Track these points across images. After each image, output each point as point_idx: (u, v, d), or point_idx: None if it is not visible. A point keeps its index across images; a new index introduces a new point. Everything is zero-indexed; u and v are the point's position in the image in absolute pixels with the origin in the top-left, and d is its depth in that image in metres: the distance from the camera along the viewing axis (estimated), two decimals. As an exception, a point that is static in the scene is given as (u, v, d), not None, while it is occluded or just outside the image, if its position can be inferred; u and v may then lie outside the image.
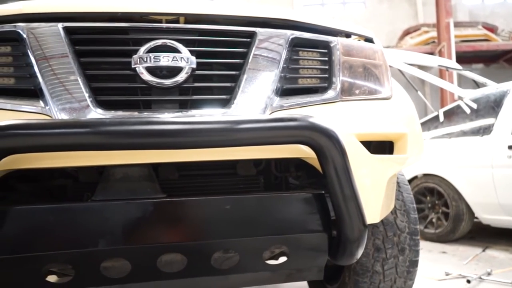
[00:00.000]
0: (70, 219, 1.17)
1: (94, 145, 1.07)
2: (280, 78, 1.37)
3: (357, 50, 1.55)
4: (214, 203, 1.25)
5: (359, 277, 1.75)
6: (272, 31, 1.40)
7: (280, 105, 1.34)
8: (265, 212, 1.29)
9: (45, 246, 1.16)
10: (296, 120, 1.18)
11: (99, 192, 1.29)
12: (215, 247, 1.26)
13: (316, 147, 1.20)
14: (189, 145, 1.11)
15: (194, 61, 1.28)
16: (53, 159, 1.17)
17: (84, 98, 1.21)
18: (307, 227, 1.32)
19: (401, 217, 1.80)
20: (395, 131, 1.49)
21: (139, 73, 1.25)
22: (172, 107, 1.29)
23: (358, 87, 1.52)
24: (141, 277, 1.23)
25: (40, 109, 1.20)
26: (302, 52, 1.44)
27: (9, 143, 1.04)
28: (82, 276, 1.19)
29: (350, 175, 1.22)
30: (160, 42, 1.27)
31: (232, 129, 1.12)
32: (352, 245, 1.27)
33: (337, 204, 1.24)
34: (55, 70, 1.22)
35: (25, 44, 1.24)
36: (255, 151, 1.27)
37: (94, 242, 1.16)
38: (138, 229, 1.21)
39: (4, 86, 1.24)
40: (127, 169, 1.31)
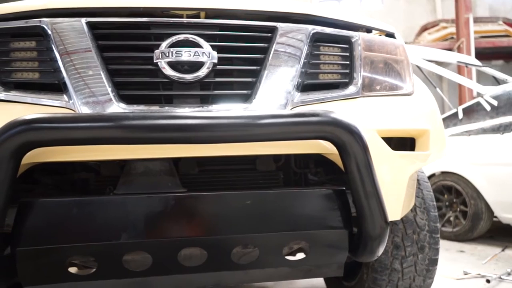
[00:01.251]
0: (93, 212, 1.19)
1: (118, 139, 1.08)
2: (301, 73, 1.36)
3: (379, 45, 1.53)
4: (234, 198, 1.25)
5: (377, 275, 1.74)
6: (293, 25, 1.40)
7: (301, 100, 1.34)
8: (286, 208, 1.29)
9: (69, 238, 1.18)
10: (318, 115, 1.17)
11: (121, 186, 1.30)
12: (235, 242, 1.27)
13: (338, 143, 1.19)
14: (213, 140, 1.11)
15: (216, 56, 1.28)
16: (76, 153, 1.18)
17: (106, 93, 1.22)
18: (327, 224, 1.32)
19: (421, 214, 1.78)
20: (417, 127, 1.47)
21: (161, 67, 1.25)
22: (194, 102, 1.29)
23: (380, 83, 1.50)
24: (162, 270, 1.24)
25: (64, 103, 1.22)
26: (323, 47, 1.44)
27: (34, 136, 1.05)
28: (104, 268, 1.21)
29: (372, 172, 1.20)
30: (182, 37, 1.27)
31: (254, 124, 1.12)
32: (373, 242, 1.26)
33: (359, 200, 1.23)
34: (79, 64, 1.24)
35: (49, 39, 1.25)
36: (275, 146, 1.27)
37: (116, 235, 1.18)
38: (159, 223, 1.22)
39: (29, 81, 1.26)
40: (148, 163, 1.32)
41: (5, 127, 1.05)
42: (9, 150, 1.04)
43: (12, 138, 1.03)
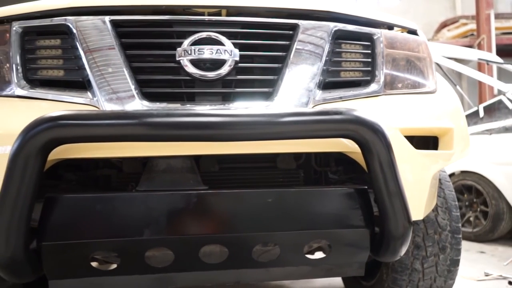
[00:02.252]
0: (117, 208, 1.20)
1: (143, 136, 1.09)
2: (323, 71, 1.35)
3: (401, 42, 1.52)
4: (256, 196, 1.25)
5: (397, 275, 1.72)
6: (315, 23, 1.39)
7: (322, 98, 1.33)
8: (307, 206, 1.28)
9: (93, 233, 1.20)
10: (341, 113, 1.17)
11: (143, 182, 1.31)
12: (256, 239, 1.27)
13: (361, 141, 1.18)
14: (237, 138, 1.12)
15: (237, 54, 1.28)
16: (100, 150, 1.20)
17: (130, 90, 1.23)
18: (349, 223, 1.31)
19: (443, 214, 1.76)
20: (440, 125, 1.45)
21: (183, 65, 1.26)
22: (215, 99, 1.30)
23: (402, 81, 1.49)
24: (184, 267, 1.25)
25: (88, 100, 1.24)
26: (345, 45, 1.43)
27: (61, 133, 1.07)
28: (127, 264, 1.22)
29: (395, 171, 1.19)
30: (205, 34, 1.28)
31: (277, 122, 1.12)
32: (396, 242, 1.25)
33: (382, 199, 1.21)
34: (103, 62, 1.25)
35: (74, 37, 1.27)
36: (297, 144, 1.27)
37: (139, 231, 1.19)
38: (181, 220, 1.23)
39: (54, 78, 1.29)
40: (170, 160, 1.33)
41: (32, 124, 1.07)
42: (36, 147, 1.05)
43: (39, 134, 1.05)
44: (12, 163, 1.05)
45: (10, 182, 1.06)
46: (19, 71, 1.27)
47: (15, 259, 1.10)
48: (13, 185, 1.06)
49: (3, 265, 1.10)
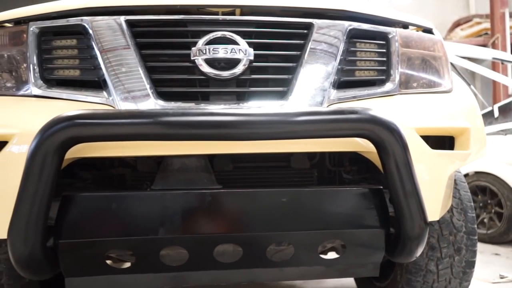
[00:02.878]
0: (132, 207, 1.21)
1: (159, 135, 1.10)
2: (338, 70, 1.35)
3: (416, 41, 1.50)
4: (271, 195, 1.25)
5: (411, 276, 1.71)
6: (329, 22, 1.38)
7: (337, 97, 1.33)
8: (322, 206, 1.28)
9: (109, 232, 1.21)
10: (357, 112, 1.16)
11: (158, 181, 1.32)
12: (270, 239, 1.27)
13: (376, 141, 1.18)
14: (253, 137, 1.12)
15: (252, 53, 1.28)
16: (115, 149, 1.21)
17: (145, 90, 1.24)
18: (364, 223, 1.30)
19: (458, 215, 1.74)
20: (456, 125, 1.44)
21: (198, 65, 1.26)
22: (230, 99, 1.30)
23: (417, 80, 1.48)
24: (198, 266, 1.25)
25: (104, 100, 1.25)
26: (360, 44, 1.42)
27: (78, 132, 1.08)
28: (142, 262, 1.23)
29: (412, 171, 1.18)
30: (220, 34, 1.28)
31: (293, 122, 1.12)
32: (412, 242, 1.24)
33: (397, 200, 1.20)
34: (118, 62, 1.26)
35: (90, 37, 1.28)
36: (311, 144, 1.26)
37: (154, 230, 1.20)
38: (196, 219, 1.23)
39: (70, 78, 1.30)
40: (185, 159, 1.33)
41: (50, 123, 1.08)
42: (54, 145, 1.07)
43: (57, 133, 1.06)
44: (30, 162, 1.07)
45: (28, 180, 1.07)
46: (36, 71, 1.29)
47: (32, 256, 1.11)
48: (31, 183, 1.07)
49: (21, 262, 1.12)
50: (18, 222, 1.08)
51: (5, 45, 1.35)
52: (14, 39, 1.34)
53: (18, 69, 1.32)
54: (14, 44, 1.33)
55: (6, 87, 1.32)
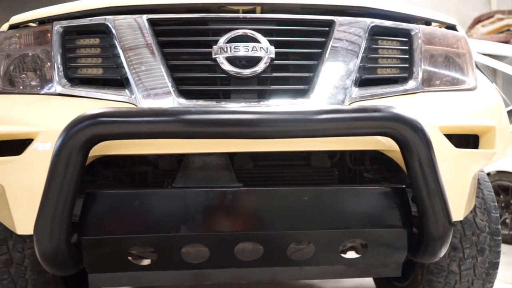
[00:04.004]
0: (154, 204, 1.22)
1: (182, 133, 1.11)
2: (359, 68, 1.34)
3: (439, 38, 1.48)
4: (292, 194, 1.25)
5: (433, 277, 1.68)
6: (351, 19, 1.37)
7: (359, 95, 1.32)
8: (344, 205, 1.27)
9: (131, 229, 1.22)
10: (380, 110, 1.15)
11: (179, 179, 1.33)
12: (291, 238, 1.26)
13: (400, 139, 1.16)
14: (276, 135, 1.13)
15: (273, 51, 1.28)
16: (137, 147, 1.22)
17: (167, 88, 1.25)
18: (386, 222, 1.29)
19: (481, 215, 1.70)
20: (481, 123, 1.41)
21: (219, 63, 1.26)
22: (251, 97, 1.30)
23: (441, 77, 1.46)
24: (219, 263, 1.26)
25: (127, 98, 1.26)
26: (382, 41, 1.41)
27: (102, 130, 1.10)
28: (164, 260, 1.24)
29: (436, 169, 1.17)
30: (241, 32, 1.28)
31: (316, 120, 1.11)
32: (435, 242, 1.22)
33: (421, 199, 1.19)
34: (140, 60, 1.27)
35: (112, 36, 1.30)
36: (332, 142, 1.25)
37: (176, 227, 1.21)
38: (217, 217, 1.24)
39: (93, 76, 1.32)
40: (206, 157, 1.34)
41: (74, 121, 1.10)
42: (78, 143, 1.08)
43: (81, 131, 1.08)
44: (55, 159, 1.09)
45: (54, 177, 1.09)
46: (60, 70, 1.31)
47: (57, 252, 1.13)
48: (56, 180, 1.09)
49: (47, 257, 1.14)
50: (44, 218, 1.10)
51: (30, 44, 1.37)
52: (38, 38, 1.36)
53: (42, 68, 1.34)
54: (38, 44, 1.36)
55: (31, 85, 1.35)
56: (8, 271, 1.45)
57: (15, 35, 1.39)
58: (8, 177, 1.20)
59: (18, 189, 1.20)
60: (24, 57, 1.37)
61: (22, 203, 1.19)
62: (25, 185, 1.19)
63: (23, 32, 1.39)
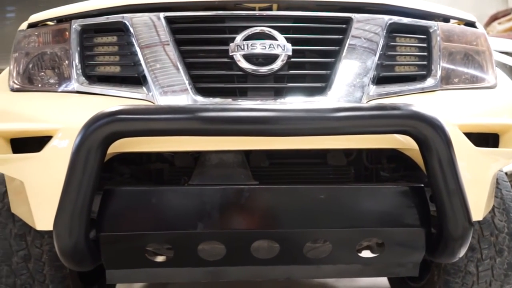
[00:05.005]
0: (171, 201, 1.23)
1: (200, 130, 1.11)
2: (377, 65, 1.33)
3: (458, 35, 1.47)
4: (309, 192, 1.25)
5: (449, 277, 1.66)
6: (368, 16, 1.36)
7: (376, 93, 1.31)
8: (361, 204, 1.26)
9: (148, 225, 1.23)
10: (399, 108, 1.14)
11: (196, 176, 1.33)
12: (308, 236, 1.26)
13: (419, 138, 1.15)
14: (295, 133, 1.13)
15: (290, 49, 1.27)
16: (155, 144, 1.23)
17: (184, 85, 1.25)
18: (404, 221, 1.28)
19: (500, 216, 1.68)
20: (501, 122, 1.39)
21: (236, 60, 1.26)
22: (268, 94, 1.30)
23: (460, 75, 1.44)
24: (235, 261, 1.26)
25: (144, 95, 1.27)
26: (400, 38, 1.40)
27: (121, 127, 1.11)
28: (180, 256, 1.25)
29: (456, 168, 1.15)
30: (258, 29, 1.28)
31: (334, 117, 1.11)
32: (454, 242, 1.21)
33: (440, 198, 1.18)
34: (158, 58, 1.28)
35: (130, 34, 1.31)
36: (349, 140, 1.25)
37: (192, 224, 1.21)
38: (234, 215, 1.24)
39: (111, 74, 1.33)
40: (222, 155, 1.34)
41: (93, 118, 1.11)
42: (97, 140, 1.09)
43: (100, 128, 1.09)
44: (74, 156, 1.10)
45: (73, 174, 1.10)
46: (78, 68, 1.32)
47: (76, 248, 1.15)
48: (75, 177, 1.10)
49: (66, 253, 1.15)
50: (64, 214, 1.12)
51: (48, 42, 1.39)
52: (57, 36, 1.38)
53: (60, 66, 1.36)
54: (57, 42, 1.38)
55: (49, 83, 1.37)
56: (26, 266, 1.47)
57: (33, 33, 1.41)
58: (28, 174, 1.22)
59: (37, 186, 1.21)
60: (43, 55, 1.39)
61: (42, 199, 1.21)
62: (45, 182, 1.21)
63: (41, 30, 1.41)
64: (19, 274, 1.48)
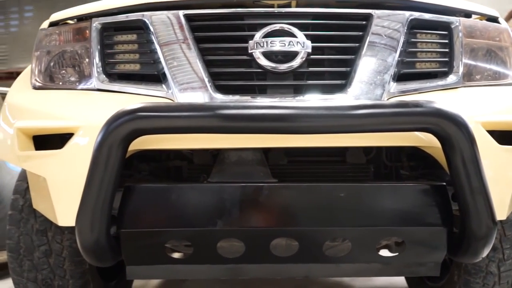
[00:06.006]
0: (191, 199, 1.24)
1: (221, 128, 1.11)
2: (398, 62, 1.31)
3: (481, 31, 1.44)
4: (329, 190, 1.24)
5: (470, 277, 1.64)
6: (389, 12, 1.35)
7: (397, 90, 1.30)
8: (382, 202, 1.25)
9: (168, 222, 1.24)
10: (421, 105, 1.12)
11: (215, 174, 1.34)
12: (327, 234, 1.25)
13: (442, 135, 1.13)
14: (317, 130, 1.12)
15: (310, 46, 1.27)
16: (175, 141, 1.23)
17: (204, 83, 1.26)
18: (425, 220, 1.26)
19: (523, 215, 1.65)
20: None
21: (256, 58, 1.26)
22: (287, 92, 1.29)
23: (482, 72, 1.42)
24: (254, 258, 1.26)
25: (164, 93, 1.28)
26: (421, 35, 1.38)
27: (142, 124, 1.11)
28: (200, 254, 1.25)
29: (479, 167, 1.13)
30: (278, 26, 1.28)
31: (356, 115, 1.10)
32: (477, 242, 1.19)
33: (464, 197, 1.15)
34: (177, 56, 1.29)
35: (149, 32, 1.32)
36: (369, 138, 1.23)
37: (212, 221, 1.21)
38: (253, 212, 1.24)
39: (131, 72, 1.34)
40: (241, 153, 1.34)
41: (115, 116, 1.11)
42: (119, 137, 1.10)
43: (121, 126, 1.10)
44: (96, 153, 1.11)
45: (95, 171, 1.11)
46: (98, 66, 1.34)
47: (98, 244, 1.16)
48: (97, 173, 1.11)
49: (88, 248, 1.17)
50: (86, 210, 1.13)
51: (69, 41, 1.41)
52: (77, 35, 1.39)
53: (81, 64, 1.37)
54: (77, 40, 1.39)
55: (70, 81, 1.38)
56: (47, 261, 1.50)
57: (55, 32, 1.43)
58: (50, 170, 1.24)
59: (60, 182, 1.23)
60: (64, 53, 1.40)
61: (64, 195, 1.23)
62: (67, 178, 1.22)
63: (62, 29, 1.43)
64: (41, 268, 1.51)
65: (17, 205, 1.51)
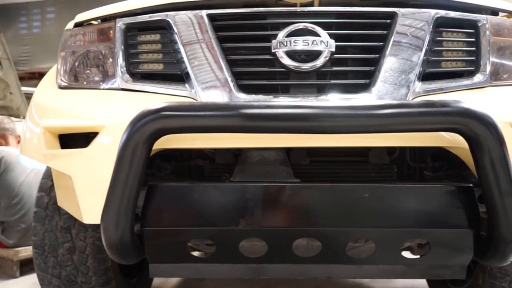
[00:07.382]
0: (214, 198, 1.24)
1: (244, 127, 1.11)
2: (423, 61, 1.29)
3: (509, 29, 1.41)
4: (352, 190, 1.22)
5: (495, 281, 1.60)
6: (414, 10, 1.32)
7: (423, 90, 1.27)
8: (406, 203, 1.23)
9: (191, 221, 1.24)
10: (448, 105, 1.10)
11: (237, 173, 1.34)
12: (351, 235, 1.24)
13: (470, 136, 1.11)
14: (342, 130, 1.11)
15: (333, 45, 1.26)
16: (198, 140, 1.23)
17: (227, 83, 1.26)
18: (451, 222, 1.23)
19: (551, 218, 1.60)
20: None
21: (279, 57, 1.26)
22: (310, 91, 1.28)
23: (510, 71, 1.39)
24: (276, 258, 1.26)
25: (187, 92, 1.28)
26: (447, 33, 1.35)
27: (166, 124, 1.12)
28: (222, 253, 1.26)
29: (509, 168, 1.10)
30: (301, 25, 1.27)
31: (382, 114, 1.08)
32: (507, 245, 1.16)
33: (492, 199, 1.13)
34: (200, 55, 1.29)
35: (173, 32, 1.32)
36: (394, 138, 1.21)
37: (235, 221, 1.21)
38: (276, 212, 1.23)
39: (155, 71, 1.35)
40: (263, 152, 1.34)
41: (139, 115, 1.12)
42: (143, 137, 1.11)
43: (146, 125, 1.11)
44: (122, 152, 1.12)
45: (120, 169, 1.12)
46: (122, 66, 1.35)
47: (122, 241, 1.17)
48: (122, 172, 1.12)
49: (112, 246, 1.18)
50: (111, 208, 1.14)
51: (93, 41, 1.43)
52: (102, 35, 1.41)
53: (105, 63, 1.39)
54: (102, 40, 1.41)
55: (94, 81, 1.40)
56: (71, 258, 1.53)
57: (79, 32, 1.45)
58: (76, 169, 1.25)
59: (85, 180, 1.25)
60: (88, 53, 1.42)
61: (89, 193, 1.24)
62: (92, 176, 1.24)
63: (87, 29, 1.45)
64: (65, 265, 1.53)
65: (42, 202, 1.54)
